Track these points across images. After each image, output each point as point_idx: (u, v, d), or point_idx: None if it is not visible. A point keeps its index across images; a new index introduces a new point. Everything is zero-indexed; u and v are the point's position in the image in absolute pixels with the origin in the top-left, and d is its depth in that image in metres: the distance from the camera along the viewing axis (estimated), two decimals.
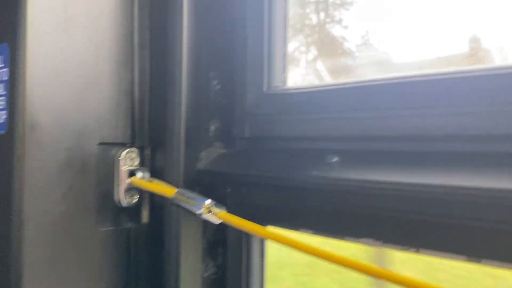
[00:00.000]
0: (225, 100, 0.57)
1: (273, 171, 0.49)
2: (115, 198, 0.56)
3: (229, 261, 0.57)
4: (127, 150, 0.56)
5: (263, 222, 0.54)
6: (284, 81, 0.54)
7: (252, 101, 0.55)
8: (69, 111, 0.53)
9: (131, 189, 0.56)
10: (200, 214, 0.46)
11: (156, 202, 0.58)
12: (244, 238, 0.56)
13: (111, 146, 0.56)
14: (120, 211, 0.57)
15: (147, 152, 0.58)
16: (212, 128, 0.56)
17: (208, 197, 0.52)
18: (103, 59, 0.56)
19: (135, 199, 0.57)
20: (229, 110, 0.57)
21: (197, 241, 0.55)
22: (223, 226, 0.51)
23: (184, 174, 0.54)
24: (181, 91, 0.54)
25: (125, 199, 0.56)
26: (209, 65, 0.57)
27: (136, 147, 0.57)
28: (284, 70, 0.55)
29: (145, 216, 0.59)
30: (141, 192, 0.57)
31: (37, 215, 0.50)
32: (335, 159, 0.44)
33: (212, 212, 0.46)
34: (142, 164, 0.58)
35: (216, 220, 0.46)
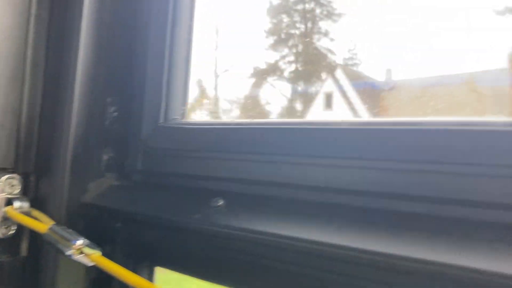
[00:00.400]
0: (121, 129, 0.54)
1: (159, 211, 0.46)
2: None
3: None
4: (6, 176, 0.51)
5: (152, 261, 0.51)
6: (184, 114, 0.52)
7: (148, 132, 0.52)
8: None
9: (8, 219, 0.51)
10: (70, 256, 0.42)
11: (37, 233, 0.53)
12: None
13: None
14: None
15: (32, 179, 0.54)
16: (105, 157, 0.53)
17: (95, 231, 0.48)
18: None
19: (12, 230, 0.52)
20: (124, 140, 0.53)
21: (78, 279, 0.51)
22: None
23: (67, 206, 0.50)
24: (71, 114, 0.50)
25: None
26: (107, 90, 0.53)
27: (19, 173, 0.52)
28: (184, 102, 0.52)
29: (24, 249, 0.53)
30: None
31: None
32: (220, 202, 0.42)
33: (84, 253, 0.42)
34: (24, 192, 0.53)
35: (88, 263, 0.42)
